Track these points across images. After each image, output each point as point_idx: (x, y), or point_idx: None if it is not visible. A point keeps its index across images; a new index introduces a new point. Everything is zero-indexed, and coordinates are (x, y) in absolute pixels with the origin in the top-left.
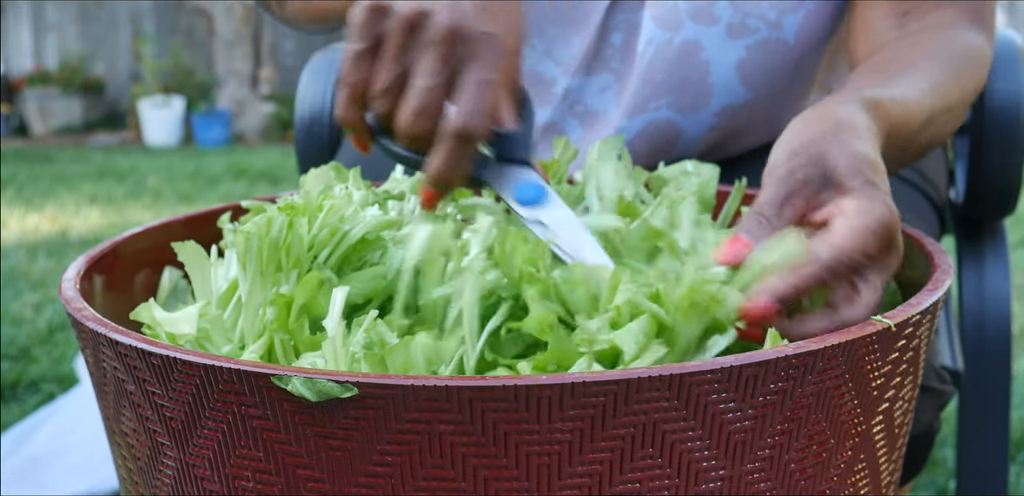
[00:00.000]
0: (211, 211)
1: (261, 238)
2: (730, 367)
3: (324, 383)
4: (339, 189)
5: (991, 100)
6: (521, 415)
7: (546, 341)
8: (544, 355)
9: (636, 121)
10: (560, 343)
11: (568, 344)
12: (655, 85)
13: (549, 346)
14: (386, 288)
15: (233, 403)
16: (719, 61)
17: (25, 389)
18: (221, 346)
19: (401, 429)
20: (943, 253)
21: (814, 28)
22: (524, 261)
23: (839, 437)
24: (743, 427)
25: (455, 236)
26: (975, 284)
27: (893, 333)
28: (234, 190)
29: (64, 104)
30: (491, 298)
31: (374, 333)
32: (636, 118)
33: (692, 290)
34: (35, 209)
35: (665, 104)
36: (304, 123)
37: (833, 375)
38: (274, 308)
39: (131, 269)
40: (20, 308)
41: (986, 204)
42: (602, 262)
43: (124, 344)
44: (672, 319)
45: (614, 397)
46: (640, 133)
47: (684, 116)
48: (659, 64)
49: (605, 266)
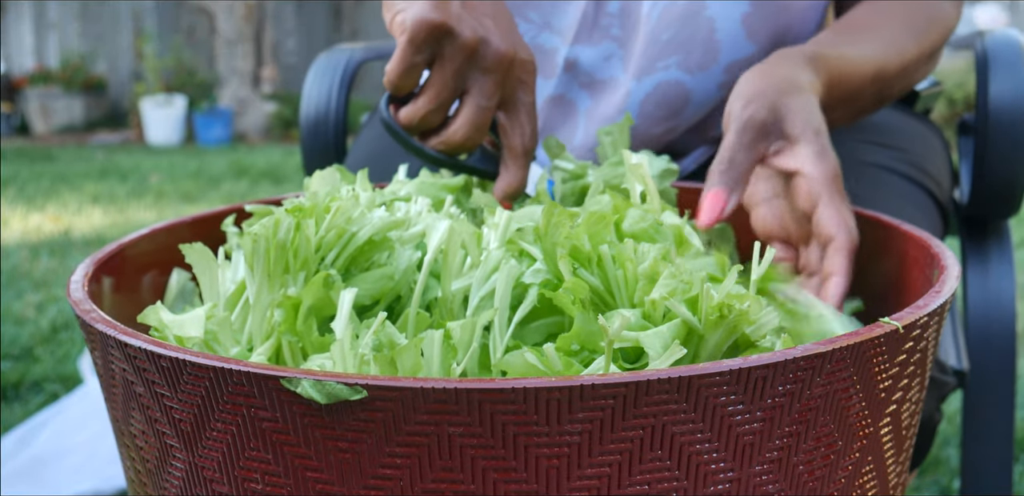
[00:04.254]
0: (217, 212)
1: (268, 240)
2: (739, 369)
3: (333, 385)
4: (346, 190)
5: (995, 100)
6: (530, 417)
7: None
8: (568, 335)
9: (645, 83)
10: (586, 323)
11: (594, 325)
12: (662, 44)
13: (574, 325)
14: (394, 289)
15: (242, 405)
16: (724, 16)
17: (28, 389)
18: (229, 348)
19: (410, 431)
20: (950, 254)
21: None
22: (567, 236)
23: (847, 439)
24: (751, 429)
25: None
26: (980, 284)
27: (901, 335)
28: (236, 189)
29: (66, 103)
30: (516, 288)
31: (383, 334)
32: (644, 80)
33: (723, 305)
34: (37, 208)
35: (674, 63)
36: (309, 123)
37: (841, 377)
38: (282, 310)
39: (138, 271)
40: (23, 308)
41: (990, 204)
42: None
43: (133, 346)
44: (703, 328)
45: (623, 399)
46: (650, 95)
47: (693, 75)
48: (664, 24)
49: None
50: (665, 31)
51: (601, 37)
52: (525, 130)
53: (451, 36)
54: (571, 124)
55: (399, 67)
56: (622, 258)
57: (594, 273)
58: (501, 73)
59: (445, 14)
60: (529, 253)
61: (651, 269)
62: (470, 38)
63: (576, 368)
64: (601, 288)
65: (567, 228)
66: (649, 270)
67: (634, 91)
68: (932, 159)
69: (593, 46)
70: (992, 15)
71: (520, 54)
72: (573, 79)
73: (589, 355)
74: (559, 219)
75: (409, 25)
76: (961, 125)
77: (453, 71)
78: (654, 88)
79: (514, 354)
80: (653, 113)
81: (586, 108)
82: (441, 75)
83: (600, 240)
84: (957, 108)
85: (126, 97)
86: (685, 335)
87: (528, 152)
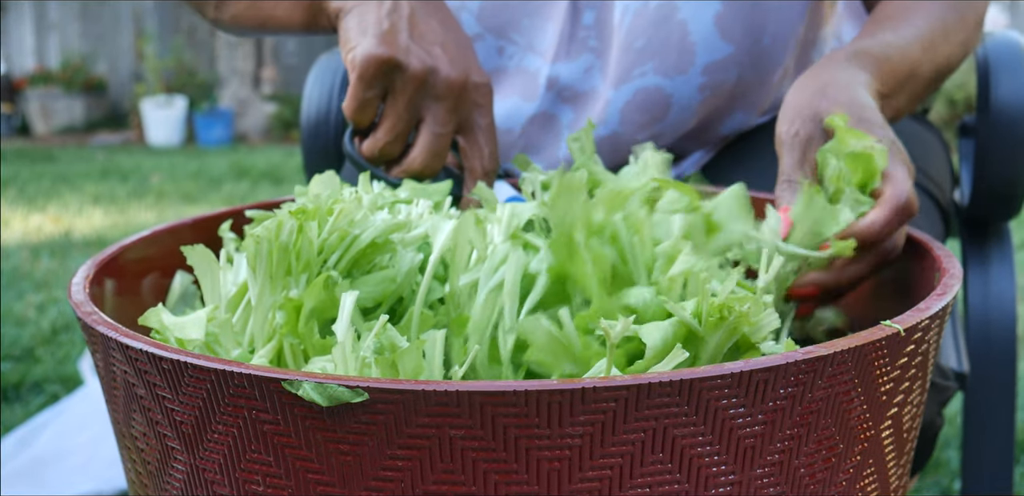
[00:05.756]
0: (219, 214)
1: (271, 242)
2: (740, 372)
3: (335, 388)
4: (349, 193)
5: (996, 102)
6: (532, 420)
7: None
8: (586, 314)
9: (623, 91)
10: (602, 302)
11: (609, 303)
12: (637, 51)
13: (592, 305)
14: (396, 291)
15: (244, 408)
16: (696, 18)
17: (29, 390)
18: (231, 350)
19: (412, 433)
20: (951, 257)
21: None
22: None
23: (848, 442)
24: (753, 432)
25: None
26: (980, 286)
27: (902, 338)
28: (237, 190)
29: (66, 104)
30: (523, 279)
31: (384, 337)
32: (622, 88)
33: (724, 306)
34: (38, 209)
35: (651, 69)
36: (310, 124)
37: (843, 380)
38: (284, 312)
39: (139, 273)
40: (23, 308)
41: (991, 206)
42: None
43: (135, 348)
44: (703, 330)
45: (624, 402)
46: (630, 103)
47: (671, 79)
48: (638, 30)
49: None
50: (639, 38)
51: (580, 50)
52: (483, 152)
53: (399, 69)
54: (555, 138)
55: (352, 104)
56: (636, 225)
57: (607, 244)
58: (453, 99)
59: (392, 48)
60: (534, 245)
61: (672, 247)
62: (418, 69)
63: (594, 349)
64: (617, 260)
65: (580, 202)
66: (670, 248)
67: (614, 99)
68: (932, 161)
69: (573, 60)
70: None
71: (472, 78)
72: (556, 96)
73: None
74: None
75: (358, 62)
76: (962, 127)
77: (405, 102)
78: (633, 95)
79: (530, 319)
80: (636, 119)
81: (569, 121)
82: (394, 108)
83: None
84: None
85: (127, 98)
86: (685, 336)
87: (488, 173)
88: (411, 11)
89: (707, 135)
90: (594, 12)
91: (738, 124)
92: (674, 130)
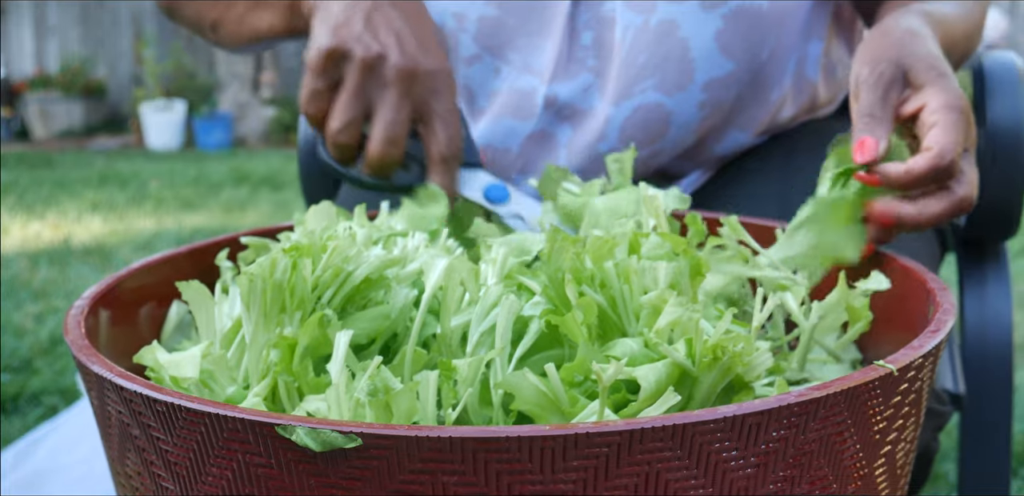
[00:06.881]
0: (214, 243)
1: (265, 280)
2: (733, 416)
3: (328, 433)
4: (343, 228)
5: (992, 121)
6: (524, 465)
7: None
8: (571, 365)
9: (623, 108)
10: (589, 354)
11: (597, 355)
12: (637, 68)
13: (578, 355)
14: (390, 327)
15: (237, 451)
16: (697, 35)
17: (27, 402)
18: (225, 387)
19: (405, 479)
20: (945, 290)
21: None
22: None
23: (841, 482)
24: (745, 475)
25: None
26: (977, 305)
27: (895, 377)
28: (236, 196)
29: (65, 108)
30: (516, 323)
31: (378, 379)
32: (622, 105)
33: (717, 346)
34: (37, 216)
35: (651, 86)
36: (308, 136)
37: (835, 421)
38: (278, 350)
39: (135, 303)
40: (21, 319)
41: (988, 226)
42: None
43: (129, 390)
44: (697, 370)
45: (618, 448)
46: (630, 119)
47: (671, 97)
48: (639, 47)
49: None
50: (640, 55)
51: (578, 70)
52: (440, 137)
53: (347, 58)
54: (551, 156)
55: (303, 93)
56: (627, 272)
57: (597, 291)
58: (404, 85)
59: (340, 38)
60: (528, 287)
61: (657, 298)
62: (364, 56)
63: (580, 403)
64: (607, 307)
65: (570, 253)
66: (655, 299)
67: (613, 117)
68: None
69: (571, 80)
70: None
71: (423, 65)
72: (554, 114)
73: (591, 385)
74: (562, 244)
75: (311, 54)
76: None
77: (353, 89)
78: (633, 112)
79: (516, 375)
80: (634, 137)
81: (567, 139)
82: (344, 94)
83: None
84: None
85: (126, 102)
86: (679, 375)
87: (448, 158)
88: (372, 5)
89: (704, 154)
90: (592, 33)
91: (735, 143)
92: (673, 147)
